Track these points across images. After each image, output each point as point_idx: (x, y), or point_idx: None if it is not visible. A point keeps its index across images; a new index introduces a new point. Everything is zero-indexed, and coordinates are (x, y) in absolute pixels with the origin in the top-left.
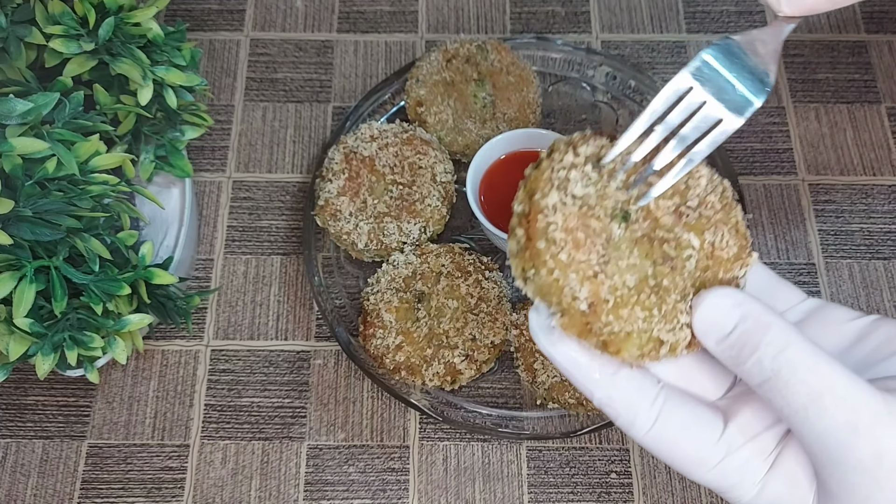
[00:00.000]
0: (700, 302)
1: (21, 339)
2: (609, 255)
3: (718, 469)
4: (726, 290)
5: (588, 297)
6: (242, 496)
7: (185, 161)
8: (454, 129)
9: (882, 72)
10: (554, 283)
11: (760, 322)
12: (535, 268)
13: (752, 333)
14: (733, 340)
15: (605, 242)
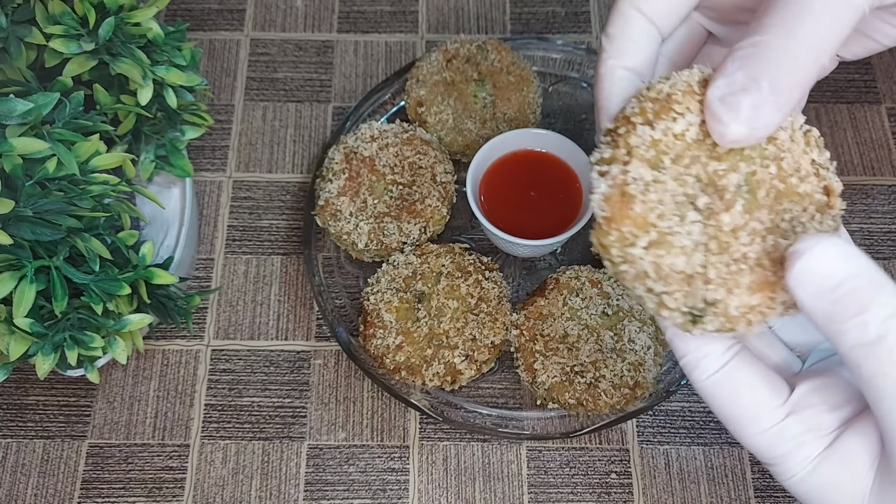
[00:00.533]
0: (802, 248)
1: (21, 339)
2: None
3: (772, 433)
4: (835, 238)
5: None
6: (243, 496)
7: (186, 161)
8: (454, 129)
9: (882, 72)
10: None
11: (874, 281)
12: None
13: (862, 291)
14: (838, 296)
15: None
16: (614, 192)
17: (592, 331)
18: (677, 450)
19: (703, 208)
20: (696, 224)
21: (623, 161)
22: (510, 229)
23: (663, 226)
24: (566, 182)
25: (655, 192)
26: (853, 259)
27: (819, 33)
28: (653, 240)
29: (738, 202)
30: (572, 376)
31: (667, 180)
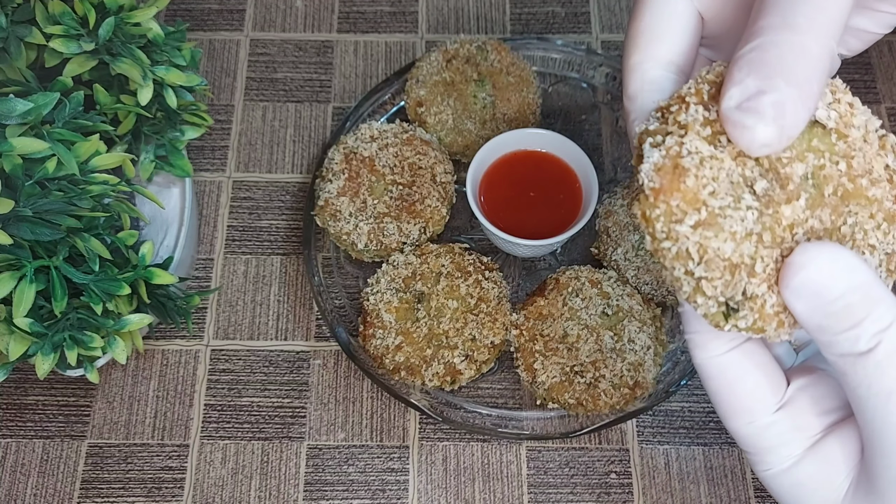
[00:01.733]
0: (803, 261)
1: (21, 338)
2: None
3: (760, 426)
4: (837, 250)
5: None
6: (242, 496)
7: (185, 161)
8: (454, 129)
9: (882, 72)
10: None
11: (871, 295)
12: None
13: (858, 306)
14: (834, 310)
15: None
16: (667, 163)
17: (592, 331)
18: (677, 450)
19: (762, 194)
20: (752, 210)
21: (679, 134)
22: (510, 229)
23: (715, 205)
24: (566, 182)
25: (711, 168)
26: (852, 272)
27: (819, 18)
28: (702, 219)
29: (803, 196)
30: (572, 376)
31: (724, 157)
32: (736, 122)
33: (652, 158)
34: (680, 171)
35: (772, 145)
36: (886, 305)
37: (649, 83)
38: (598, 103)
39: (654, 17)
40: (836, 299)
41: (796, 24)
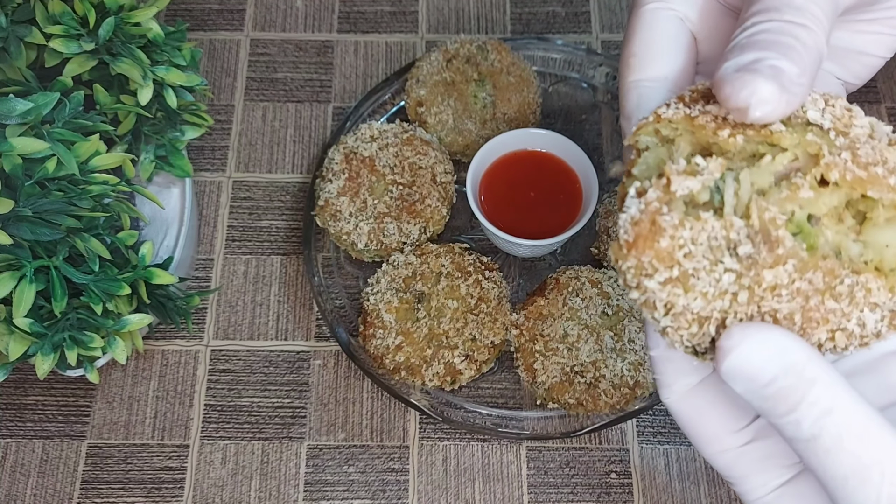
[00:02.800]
0: (729, 345)
1: (21, 338)
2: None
3: (732, 455)
4: (765, 331)
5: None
6: (242, 496)
7: (185, 161)
8: (454, 129)
9: (882, 72)
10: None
11: (805, 377)
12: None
13: (792, 390)
14: (768, 394)
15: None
16: (644, 219)
17: (592, 331)
18: (677, 450)
19: (745, 257)
20: (730, 273)
21: (661, 186)
22: (510, 229)
23: (688, 266)
24: (566, 182)
25: (691, 230)
26: (783, 354)
27: (809, 6)
28: (673, 277)
29: (791, 261)
30: (572, 376)
31: (709, 219)
32: (733, 80)
33: (630, 211)
34: (656, 229)
35: (772, 103)
36: (824, 385)
37: (646, 101)
38: (599, 103)
39: (649, 38)
40: (768, 383)
41: (785, 8)
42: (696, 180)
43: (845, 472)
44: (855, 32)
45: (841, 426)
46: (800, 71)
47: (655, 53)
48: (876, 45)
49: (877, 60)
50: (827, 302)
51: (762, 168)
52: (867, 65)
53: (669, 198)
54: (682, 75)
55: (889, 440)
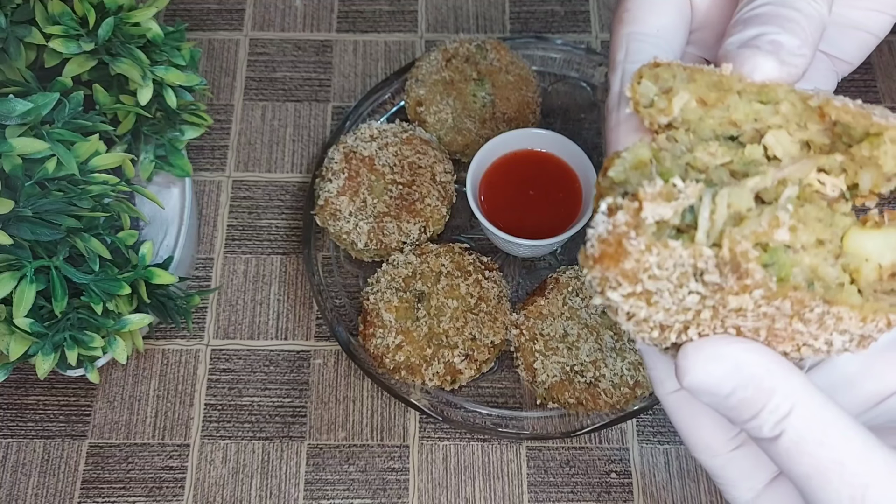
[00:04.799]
0: (686, 365)
1: (21, 338)
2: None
3: (722, 460)
4: (718, 348)
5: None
6: (243, 495)
7: (185, 161)
8: (454, 128)
9: (882, 72)
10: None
11: (763, 387)
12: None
13: (752, 400)
14: (731, 404)
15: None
16: (611, 239)
17: (592, 330)
18: (677, 449)
19: (710, 283)
20: (694, 295)
21: (632, 209)
22: (510, 229)
23: (652, 287)
24: (566, 182)
25: (658, 256)
26: (739, 369)
27: None
28: (635, 292)
29: (758, 291)
30: (572, 376)
31: (677, 247)
32: (735, 57)
33: (598, 229)
34: (622, 251)
35: (772, 76)
36: (782, 394)
37: (634, 53)
38: (598, 102)
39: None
40: (728, 395)
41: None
42: (669, 207)
43: (807, 471)
44: (850, 8)
45: (800, 430)
46: (800, 42)
47: (648, 9)
48: (871, 21)
49: (870, 38)
50: (795, 324)
51: (743, 188)
52: (860, 43)
53: (638, 223)
54: (673, 33)
55: (849, 443)
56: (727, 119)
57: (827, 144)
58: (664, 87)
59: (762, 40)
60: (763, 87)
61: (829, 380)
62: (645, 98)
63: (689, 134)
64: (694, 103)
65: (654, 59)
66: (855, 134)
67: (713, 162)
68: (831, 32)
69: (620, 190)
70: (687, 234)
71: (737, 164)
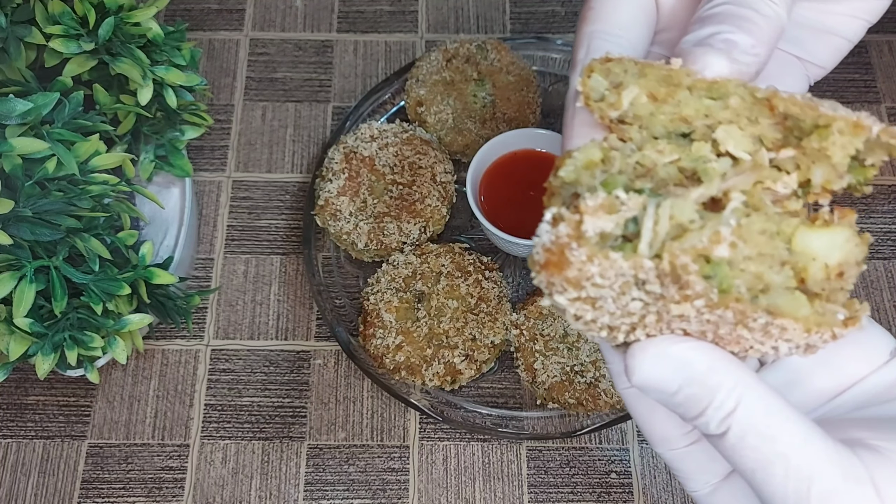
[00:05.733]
0: (633, 365)
1: (21, 338)
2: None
3: (679, 454)
4: (663, 348)
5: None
6: (243, 495)
7: (185, 161)
8: (454, 128)
9: (882, 72)
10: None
11: (708, 384)
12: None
13: (697, 398)
14: (678, 401)
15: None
16: (554, 249)
17: None
18: None
19: (651, 292)
20: (637, 301)
21: (574, 221)
22: (510, 229)
23: (595, 294)
24: None
25: (599, 266)
26: (684, 367)
27: None
28: (580, 297)
29: (699, 301)
30: (572, 376)
31: (617, 258)
32: (689, 54)
33: (542, 238)
34: (565, 261)
35: (722, 73)
36: (727, 390)
37: (595, 51)
38: None
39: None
40: (675, 393)
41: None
42: (611, 219)
43: (753, 466)
44: (823, 13)
45: (745, 426)
46: (755, 41)
47: (611, 8)
48: (845, 26)
49: (843, 43)
50: (739, 330)
51: (686, 200)
52: (834, 47)
53: (579, 234)
54: (636, 32)
55: (794, 437)
56: (678, 115)
57: (779, 139)
58: (615, 82)
59: (716, 39)
60: (713, 83)
61: (784, 376)
62: (595, 92)
63: (641, 131)
64: (644, 98)
65: (606, 54)
66: (805, 127)
67: (661, 160)
68: (804, 37)
69: (571, 189)
70: (631, 244)
71: (685, 161)
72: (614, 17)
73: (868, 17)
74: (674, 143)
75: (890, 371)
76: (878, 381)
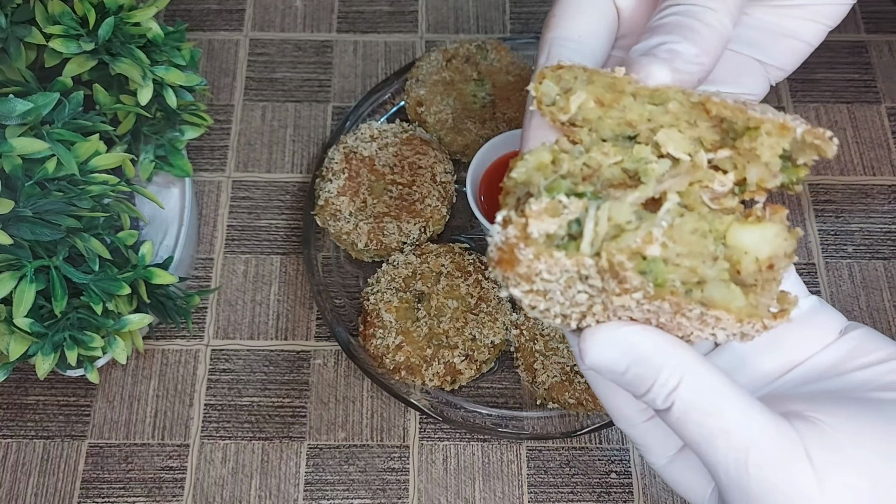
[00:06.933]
0: (585, 347)
1: (21, 338)
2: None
3: (638, 429)
4: (612, 333)
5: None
6: (242, 495)
7: (185, 161)
8: (454, 128)
9: (881, 72)
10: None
11: (653, 364)
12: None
13: (643, 377)
14: (627, 380)
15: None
16: (505, 248)
17: None
18: None
19: (594, 286)
20: (583, 293)
21: (520, 225)
22: None
23: (544, 287)
24: None
25: (545, 263)
26: (631, 350)
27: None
28: (532, 290)
29: (638, 293)
30: (572, 376)
31: (561, 257)
32: (634, 63)
33: (495, 238)
34: (515, 259)
35: (664, 81)
36: (670, 369)
37: (554, 58)
38: None
39: (571, 1)
40: (624, 373)
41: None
42: (554, 222)
43: (697, 438)
44: (781, 16)
45: (687, 401)
46: (698, 51)
47: (573, 15)
48: (804, 30)
49: (803, 46)
50: (678, 319)
51: (623, 203)
52: (793, 50)
53: (526, 236)
54: (596, 39)
55: (733, 410)
56: (624, 120)
57: (717, 140)
58: (565, 88)
59: (661, 49)
60: (655, 90)
61: (734, 356)
62: (547, 97)
63: (591, 133)
64: (592, 103)
65: (559, 62)
66: (738, 129)
67: (606, 161)
68: (763, 40)
69: (525, 189)
70: (575, 243)
71: (627, 162)
72: (574, 25)
73: (827, 20)
74: (619, 145)
75: (835, 350)
76: (824, 360)
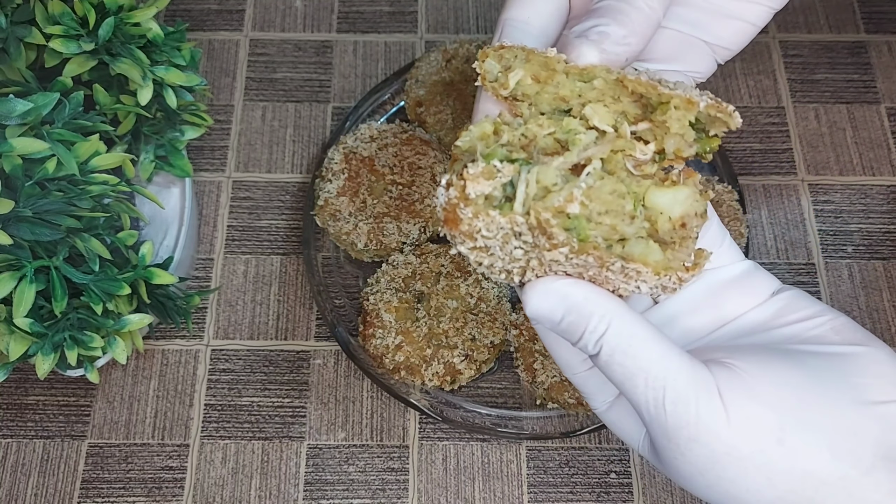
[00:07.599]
0: (526, 298)
1: (21, 338)
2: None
3: (580, 377)
4: (548, 284)
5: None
6: (242, 495)
7: (185, 161)
8: (453, 129)
9: (881, 72)
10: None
11: (583, 312)
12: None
13: (576, 324)
14: (563, 328)
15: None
16: (449, 208)
17: None
18: None
19: (527, 242)
20: (519, 249)
21: (459, 186)
22: None
23: (485, 244)
24: None
25: (483, 221)
26: (565, 299)
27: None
28: (476, 247)
29: (565, 248)
30: None
31: (495, 216)
32: (569, 44)
33: (440, 200)
34: (457, 218)
35: (592, 61)
36: (598, 317)
37: (506, 38)
38: None
39: None
40: (560, 321)
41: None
42: (489, 184)
43: (621, 379)
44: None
45: (612, 345)
46: (626, 32)
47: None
48: (747, 11)
49: (748, 27)
50: (605, 273)
51: (549, 167)
52: (737, 31)
53: (465, 197)
54: (546, 20)
55: (651, 353)
56: (558, 95)
57: (639, 114)
58: (505, 66)
59: (592, 31)
60: (584, 68)
61: (668, 312)
62: (490, 74)
63: (531, 107)
64: (530, 80)
65: (501, 42)
66: (654, 103)
67: (541, 132)
68: (708, 21)
69: (470, 157)
70: (510, 203)
71: (559, 133)
72: (526, 8)
73: (770, 3)
74: (554, 118)
75: (765, 308)
76: (754, 318)
